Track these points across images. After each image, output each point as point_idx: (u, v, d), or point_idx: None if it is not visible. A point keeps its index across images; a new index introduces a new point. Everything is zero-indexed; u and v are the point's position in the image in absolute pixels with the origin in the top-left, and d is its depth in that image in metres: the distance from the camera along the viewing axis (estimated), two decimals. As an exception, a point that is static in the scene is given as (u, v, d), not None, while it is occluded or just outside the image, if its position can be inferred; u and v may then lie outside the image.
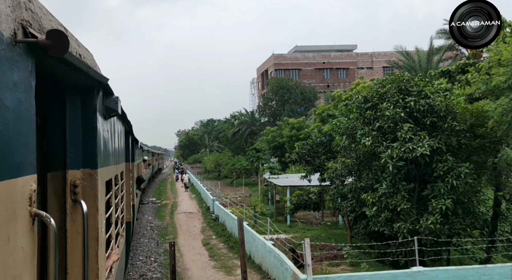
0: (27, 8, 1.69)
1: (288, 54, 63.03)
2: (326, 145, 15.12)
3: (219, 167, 49.26)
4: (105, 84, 3.03)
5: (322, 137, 15.03)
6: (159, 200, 27.90)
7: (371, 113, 11.12)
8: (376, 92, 11.15)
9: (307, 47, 64.76)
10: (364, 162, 11.72)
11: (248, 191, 35.68)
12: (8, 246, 1.40)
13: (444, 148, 9.84)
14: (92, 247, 2.70)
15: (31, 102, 1.67)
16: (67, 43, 1.67)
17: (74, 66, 2.11)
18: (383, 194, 10.49)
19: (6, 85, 1.42)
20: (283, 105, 47.69)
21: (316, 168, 15.16)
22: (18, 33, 1.54)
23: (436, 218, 9.34)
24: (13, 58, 1.49)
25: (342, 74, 62.75)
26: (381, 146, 10.47)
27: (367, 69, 62.61)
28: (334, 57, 62.27)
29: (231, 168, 39.82)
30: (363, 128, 11.03)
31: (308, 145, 15.11)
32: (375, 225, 10.84)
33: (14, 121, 1.47)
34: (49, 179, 2.56)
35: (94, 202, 2.72)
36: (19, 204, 1.52)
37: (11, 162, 1.45)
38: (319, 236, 15.04)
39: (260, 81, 69.94)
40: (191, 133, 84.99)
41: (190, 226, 18.17)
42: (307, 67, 61.16)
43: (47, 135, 2.57)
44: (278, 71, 59.30)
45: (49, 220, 1.69)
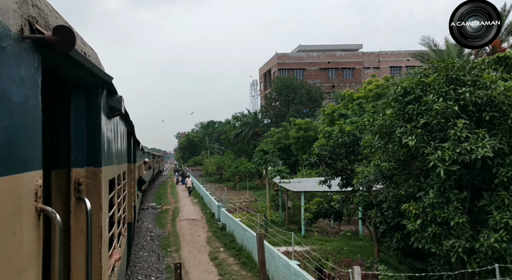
0: (33, 5, 1.72)
1: (292, 54, 61.58)
2: (349, 146, 13.47)
3: (220, 169, 47.91)
4: (109, 83, 3.06)
5: (344, 137, 13.37)
6: (160, 205, 26.37)
7: (414, 107, 9.42)
8: (419, 83, 9.47)
9: (311, 47, 63.37)
10: (403, 166, 10.01)
11: (252, 195, 34.12)
12: (14, 240, 1.42)
13: (507, 150, 8.13)
14: (96, 245, 2.71)
15: (38, 98, 1.70)
16: (73, 39, 1.70)
17: (79, 63, 2.13)
18: (429, 205, 8.76)
19: (13, 81, 1.45)
20: (287, 105, 46.09)
21: (338, 172, 13.50)
22: (25, 29, 1.57)
23: (501, 235, 7.63)
24: (20, 54, 1.51)
25: (347, 74, 61.31)
26: (428, 146, 8.75)
27: (373, 69, 61.21)
28: (339, 56, 60.82)
29: (234, 171, 38.28)
30: (404, 126, 9.33)
31: (329, 146, 13.45)
32: (418, 242, 9.12)
33: (20, 116, 1.50)
34: (53, 177, 2.58)
35: (98, 200, 2.75)
36: (25, 199, 1.54)
37: (17, 157, 1.47)
38: (341, 249, 13.39)
39: (262, 82, 68.49)
40: (191, 135, 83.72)
41: (194, 236, 16.52)
42: (312, 67, 59.71)
43: (51, 132, 2.60)
44: (282, 71, 57.87)
45: (55, 215, 1.72)
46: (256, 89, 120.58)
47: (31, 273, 1.59)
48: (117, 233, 4.44)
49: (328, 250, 13.18)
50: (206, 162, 50.67)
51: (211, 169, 47.29)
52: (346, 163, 13.71)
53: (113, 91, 3.42)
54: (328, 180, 14.09)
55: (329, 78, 60.48)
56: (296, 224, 18.81)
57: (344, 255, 12.60)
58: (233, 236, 15.25)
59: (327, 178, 14.14)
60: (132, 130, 8.53)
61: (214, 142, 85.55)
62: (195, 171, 60.05)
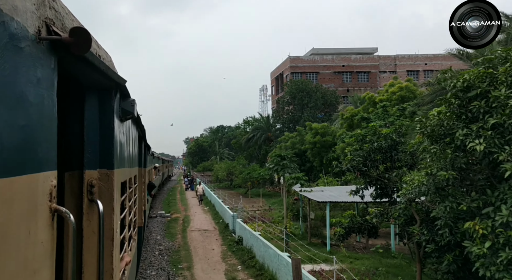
0: (51, 7, 1.76)
1: (305, 57, 60.20)
2: (385, 152, 11.81)
3: (231, 175, 46.48)
4: (123, 86, 3.11)
5: (381, 141, 11.72)
6: (169, 213, 24.86)
7: (480, 104, 7.72)
8: (486, 74, 7.79)
9: (324, 50, 61.91)
10: (464, 176, 8.32)
11: (265, 203, 32.53)
12: (28, 239, 1.43)
13: None
14: (107, 247, 2.73)
15: (53, 99, 1.73)
16: (89, 41, 1.73)
17: (93, 65, 2.16)
18: (502, 224, 7.07)
19: (30, 81, 1.47)
20: (302, 109, 44.44)
21: (374, 181, 11.86)
22: (42, 31, 1.60)
23: None
24: (37, 55, 1.54)
25: (363, 78, 59.63)
26: (502, 152, 7.06)
27: (389, 73, 59.51)
28: (354, 60, 59.22)
29: (245, 177, 36.75)
30: (467, 127, 7.66)
31: (364, 151, 11.81)
32: (485, 268, 7.40)
33: (36, 117, 1.53)
34: (67, 178, 2.61)
35: (110, 202, 2.77)
36: (40, 198, 1.56)
37: (33, 156, 1.50)
38: (376, 269, 11.66)
39: (274, 86, 67.11)
40: (201, 140, 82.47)
41: (207, 250, 14.95)
42: (326, 70, 58.19)
43: (65, 134, 2.63)
44: (295, 75, 56.50)
45: (69, 216, 1.74)
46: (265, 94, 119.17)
47: (45, 273, 1.61)
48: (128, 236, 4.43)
49: (361, 271, 11.48)
50: (216, 167, 49.28)
51: (221, 175, 45.90)
52: (382, 171, 12.04)
53: (126, 94, 3.44)
54: (361, 190, 12.45)
55: (343, 82, 58.85)
56: (318, 237, 17.12)
57: (382, 277, 10.91)
58: (251, 252, 13.66)
59: (359, 188, 12.49)
60: (143, 135, 8.41)
61: (224, 147, 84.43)
62: (205, 176, 58.81)
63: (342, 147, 28.06)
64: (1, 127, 1.27)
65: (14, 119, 1.35)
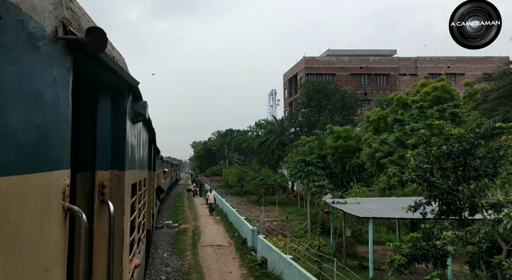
0: (68, 7, 1.79)
1: (321, 58, 57.84)
2: (456, 157, 9.14)
3: (242, 181, 44.09)
4: (135, 88, 3.14)
5: (453, 144, 9.10)
6: (177, 223, 22.34)
7: None
8: None
9: (340, 51, 59.39)
10: None
11: (281, 212, 29.95)
12: (42, 237, 1.46)
13: None
14: (117, 248, 2.76)
15: (68, 98, 1.76)
16: (105, 41, 1.76)
17: (108, 66, 2.19)
18: None
19: (46, 80, 1.50)
20: (319, 112, 41.77)
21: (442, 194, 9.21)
22: (59, 30, 1.63)
23: None
24: (54, 54, 1.56)
25: (381, 80, 57.05)
26: None
27: (410, 76, 56.87)
28: (373, 61, 56.71)
29: (258, 184, 34.21)
30: None
31: (433, 157, 9.16)
32: None
33: (52, 115, 1.55)
34: (78, 179, 2.66)
35: (121, 204, 2.80)
36: (53, 197, 1.59)
37: (48, 155, 1.52)
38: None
39: (287, 88, 64.78)
40: (209, 143, 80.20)
41: (223, 273, 12.44)
42: (342, 72, 55.73)
43: (77, 135, 2.68)
44: (310, 76, 54.09)
45: (81, 215, 1.77)
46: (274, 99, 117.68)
47: (57, 271, 1.63)
48: (137, 238, 4.46)
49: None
50: (226, 172, 46.94)
51: (232, 180, 43.40)
52: (453, 182, 9.36)
53: (138, 96, 3.49)
54: (422, 205, 9.81)
55: (361, 85, 56.34)
56: (353, 257, 14.48)
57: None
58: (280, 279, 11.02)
59: (420, 203, 9.86)
60: (153, 138, 8.43)
61: (233, 152, 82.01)
62: (213, 181, 56.62)
63: (369, 153, 25.37)
64: (17, 125, 1.29)
65: (30, 117, 1.37)
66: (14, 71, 1.27)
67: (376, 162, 25.63)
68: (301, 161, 20.19)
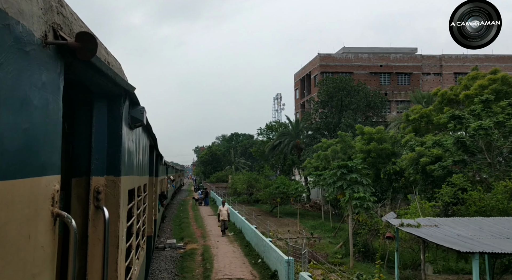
0: (58, 12, 1.80)
1: (337, 55, 54.13)
2: None
3: (251, 188, 40.15)
4: (132, 93, 3.19)
5: None
6: (182, 241, 18.31)
7: None
8: None
9: (357, 49, 55.22)
10: None
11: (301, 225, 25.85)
12: (28, 244, 1.46)
13: None
14: (112, 254, 2.78)
15: (59, 103, 1.77)
16: (95, 46, 1.77)
17: (101, 72, 2.23)
18: None
19: (35, 85, 1.51)
20: (340, 112, 37.64)
21: None
22: (49, 35, 1.65)
23: None
24: (43, 59, 1.58)
25: (403, 80, 53.34)
26: None
27: (434, 75, 53.06)
28: (394, 59, 53.04)
29: (273, 192, 30.19)
30: None
31: None
32: None
33: (40, 120, 1.56)
34: (73, 184, 2.69)
35: (116, 210, 2.82)
36: (41, 203, 1.59)
37: (35, 160, 1.53)
38: None
39: (298, 89, 61.08)
40: (215, 148, 76.30)
41: None
42: (361, 71, 52.18)
43: (73, 141, 2.71)
44: (325, 75, 49.90)
45: (70, 220, 1.76)
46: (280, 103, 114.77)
47: (45, 277, 1.64)
48: (135, 244, 4.49)
49: None
50: (235, 179, 42.96)
51: (241, 187, 39.40)
52: None
53: (136, 102, 3.54)
54: None
55: (381, 84, 52.82)
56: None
57: None
58: None
59: None
60: (155, 144, 8.52)
61: (239, 156, 77.88)
62: (219, 188, 52.62)
63: (412, 158, 21.14)
64: (3, 130, 1.30)
65: (17, 122, 1.38)
66: (0, 75, 1.28)
67: (421, 169, 21.45)
68: (342, 166, 16.13)
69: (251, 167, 68.77)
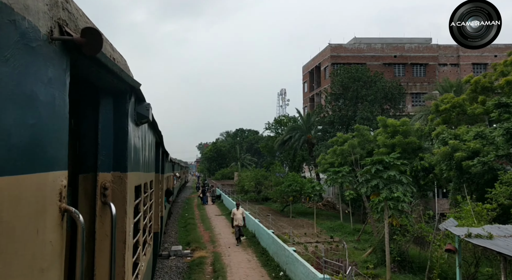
0: (64, 8, 1.82)
1: (349, 45, 51.76)
2: None
3: (260, 186, 38.12)
4: (138, 90, 3.20)
5: None
6: (188, 246, 16.24)
7: None
8: None
9: (369, 40, 52.74)
10: None
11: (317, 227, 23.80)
12: (37, 239, 1.48)
13: None
14: (120, 250, 2.81)
15: (65, 99, 1.79)
16: (100, 41, 1.78)
17: (107, 68, 2.24)
18: None
19: (41, 80, 1.52)
20: (355, 104, 35.27)
21: None
22: (55, 31, 1.66)
23: None
24: (49, 55, 1.59)
25: (418, 71, 51.20)
26: None
27: (451, 66, 50.55)
28: (408, 49, 50.84)
29: (285, 190, 28.18)
30: None
31: None
32: None
33: (47, 116, 1.57)
34: (81, 180, 2.72)
35: (123, 205, 2.85)
36: (49, 198, 1.60)
37: (43, 155, 1.54)
38: None
39: (307, 81, 58.83)
40: (219, 144, 74.25)
41: None
42: (374, 61, 50.20)
43: (79, 137, 2.74)
44: (336, 66, 47.37)
45: (78, 216, 1.79)
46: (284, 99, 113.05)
47: (53, 272, 1.65)
48: (142, 240, 4.54)
49: None
50: (242, 176, 40.87)
51: (249, 185, 37.34)
52: None
53: (141, 98, 3.55)
54: None
55: (395, 76, 50.55)
56: None
57: None
58: None
59: None
60: (160, 141, 8.61)
61: (245, 153, 75.82)
62: (225, 186, 50.50)
63: (445, 152, 18.92)
64: (10, 125, 1.31)
65: (24, 118, 1.39)
66: (6, 71, 1.29)
67: (455, 164, 19.17)
68: (376, 162, 13.87)
69: (257, 163, 66.66)
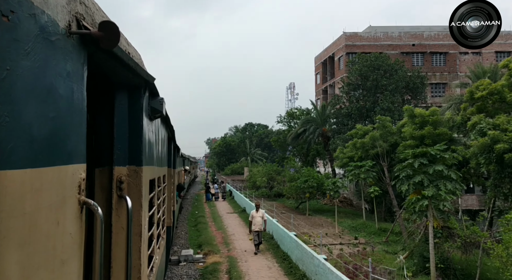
0: (81, 2, 1.84)
1: (365, 33, 49.67)
2: None
3: (272, 181, 36.59)
4: (152, 84, 3.24)
5: None
6: (200, 249, 14.67)
7: None
8: None
9: (384, 28, 50.42)
10: None
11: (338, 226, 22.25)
12: (57, 230, 1.51)
13: None
14: (135, 243, 2.87)
15: (83, 93, 1.82)
16: (118, 35, 1.80)
17: (123, 62, 2.27)
18: None
19: (60, 74, 1.54)
20: (374, 95, 33.20)
21: None
22: (72, 25, 1.69)
23: None
24: (67, 49, 1.61)
25: (438, 60, 49.06)
26: None
27: (472, 54, 47.98)
28: (428, 37, 48.65)
29: (301, 186, 26.59)
30: None
31: None
32: None
33: (66, 109, 1.60)
34: (97, 174, 2.78)
35: (139, 199, 2.89)
36: (69, 190, 1.64)
37: (62, 148, 1.57)
38: None
39: (319, 73, 56.83)
40: (229, 139, 72.65)
41: None
42: (391, 50, 48.31)
43: (95, 131, 2.79)
44: (350, 55, 45.18)
45: (97, 208, 1.83)
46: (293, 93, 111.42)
47: (73, 264, 1.68)
48: (156, 234, 4.61)
49: None
50: (253, 171, 39.24)
51: (261, 181, 35.72)
52: None
53: (155, 93, 3.58)
54: None
55: (413, 65, 48.24)
56: None
57: None
58: None
59: None
60: (172, 136, 8.65)
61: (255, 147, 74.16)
62: (236, 181, 48.93)
63: (484, 144, 17.08)
64: (32, 119, 1.33)
65: (44, 111, 1.41)
66: (27, 64, 1.31)
67: (496, 158, 17.24)
68: (418, 154, 12.00)
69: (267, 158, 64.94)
